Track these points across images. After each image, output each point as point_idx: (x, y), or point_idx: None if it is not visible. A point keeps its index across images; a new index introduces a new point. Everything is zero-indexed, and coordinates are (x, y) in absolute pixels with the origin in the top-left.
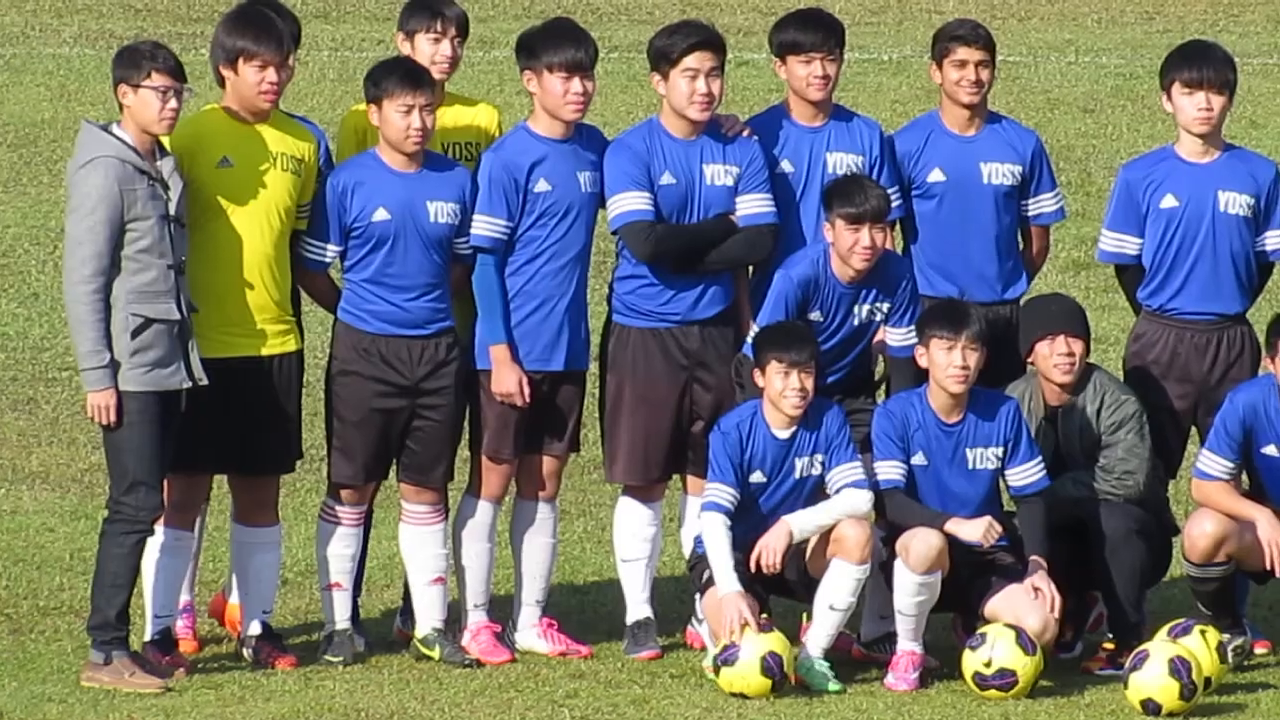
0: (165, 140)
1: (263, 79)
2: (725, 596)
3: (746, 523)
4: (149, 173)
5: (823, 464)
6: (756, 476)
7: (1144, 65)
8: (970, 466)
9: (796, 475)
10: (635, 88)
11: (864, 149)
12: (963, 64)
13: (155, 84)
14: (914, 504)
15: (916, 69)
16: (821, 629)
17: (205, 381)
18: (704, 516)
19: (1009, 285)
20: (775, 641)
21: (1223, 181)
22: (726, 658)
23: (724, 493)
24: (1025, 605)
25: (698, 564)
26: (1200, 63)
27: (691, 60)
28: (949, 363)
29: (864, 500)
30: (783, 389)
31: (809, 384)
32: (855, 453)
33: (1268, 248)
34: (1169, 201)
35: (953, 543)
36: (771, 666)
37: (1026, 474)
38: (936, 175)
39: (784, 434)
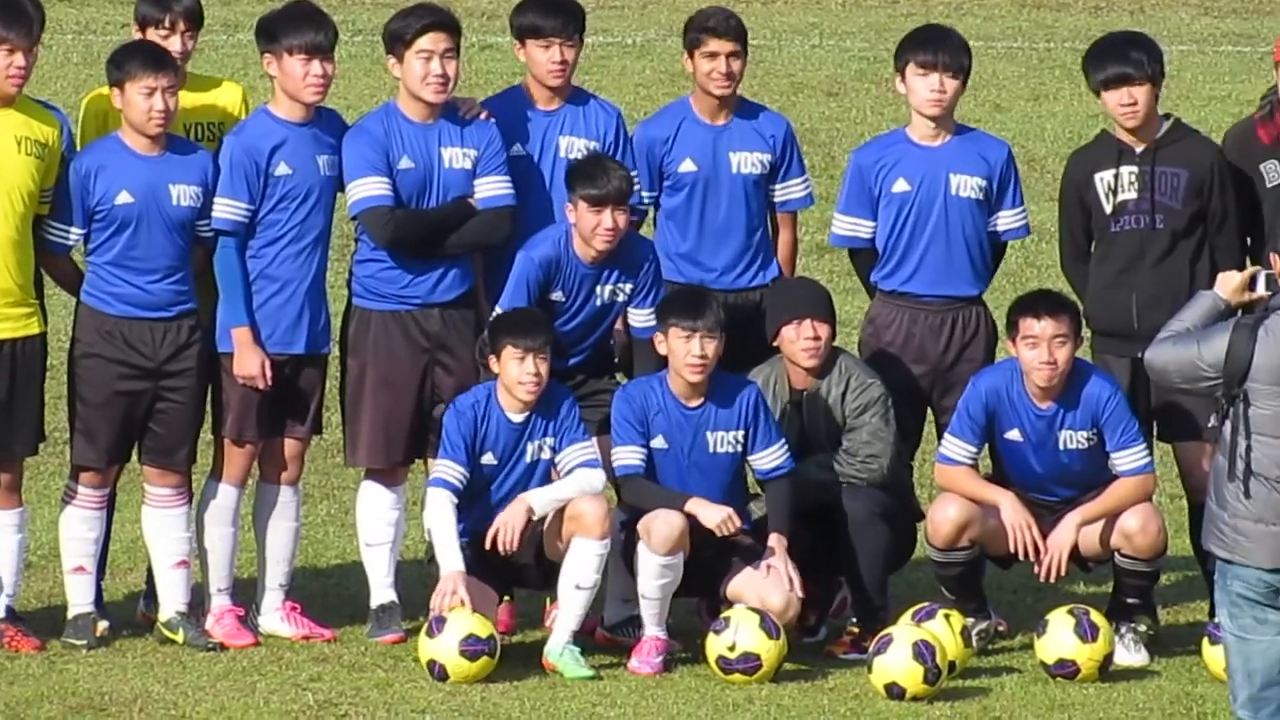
0: None
1: (10, 64)
2: (446, 575)
3: (481, 508)
4: None
5: (553, 448)
6: (488, 458)
7: (888, 49)
8: (711, 450)
9: (528, 459)
10: (379, 71)
11: (598, 134)
12: (713, 55)
13: None
14: (652, 486)
15: (660, 52)
16: (569, 610)
17: None
18: (430, 493)
19: (759, 272)
20: (478, 624)
21: (954, 164)
22: (430, 632)
23: (453, 470)
24: (767, 585)
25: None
26: (936, 46)
27: (425, 42)
28: (687, 351)
29: (598, 478)
30: (518, 375)
31: (544, 369)
32: (586, 433)
33: (999, 228)
34: (900, 185)
35: (695, 525)
36: (470, 650)
37: (770, 458)
38: (688, 166)
39: (518, 418)
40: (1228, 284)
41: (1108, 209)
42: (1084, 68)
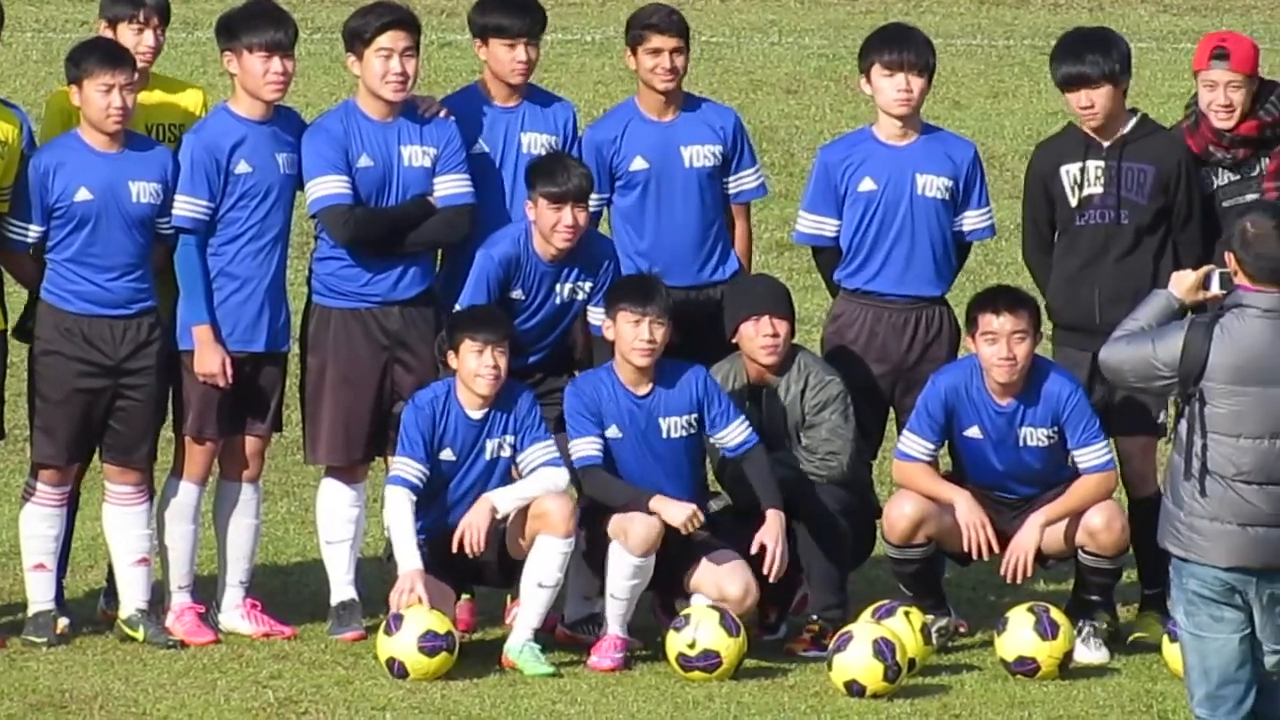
0: None
1: None
2: (404, 573)
3: (440, 506)
4: None
5: (513, 446)
6: (446, 455)
7: (847, 46)
8: (665, 435)
9: (487, 456)
10: (338, 69)
11: (558, 130)
12: (657, 51)
13: None
14: (615, 481)
15: (619, 50)
16: (530, 608)
17: None
18: (388, 490)
19: (717, 267)
20: (435, 620)
21: (920, 164)
22: (388, 630)
23: (412, 468)
24: (725, 574)
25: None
26: (901, 45)
27: (385, 40)
28: (636, 336)
29: (562, 477)
30: (476, 367)
31: (503, 362)
32: (548, 432)
33: (965, 229)
34: (867, 184)
35: None
36: (428, 647)
37: (734, 434)
38: (639, 164)
39: (477, 414)
40: (1182, 282)
41: (1073, 202)
42: (1050, 64)
